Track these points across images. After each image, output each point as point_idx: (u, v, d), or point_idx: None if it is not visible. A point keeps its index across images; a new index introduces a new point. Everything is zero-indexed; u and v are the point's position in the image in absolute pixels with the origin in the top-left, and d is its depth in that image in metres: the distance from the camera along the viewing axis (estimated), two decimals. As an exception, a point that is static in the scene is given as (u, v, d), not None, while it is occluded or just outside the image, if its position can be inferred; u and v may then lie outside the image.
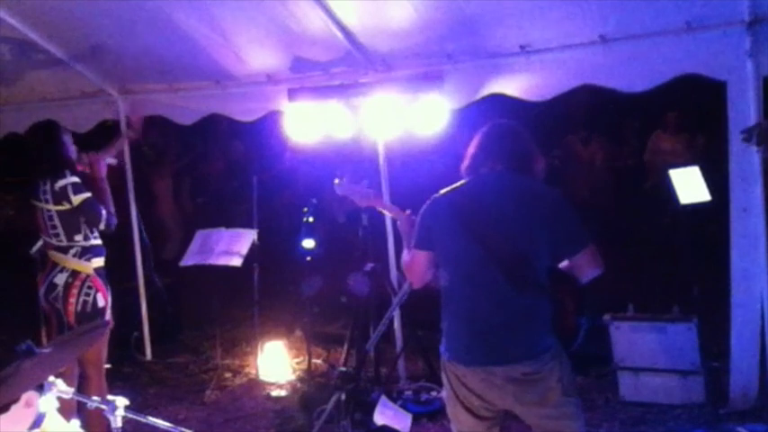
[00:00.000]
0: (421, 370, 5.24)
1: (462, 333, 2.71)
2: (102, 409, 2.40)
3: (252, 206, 5.66)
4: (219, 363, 5.76)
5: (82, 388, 3.88)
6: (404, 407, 4.57)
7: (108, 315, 3.98)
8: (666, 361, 4.48)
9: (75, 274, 3.91)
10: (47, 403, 2.41)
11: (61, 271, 3.91)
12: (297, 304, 6.12)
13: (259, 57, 4.94)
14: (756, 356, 4.13)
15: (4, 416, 2.37)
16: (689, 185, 4.76)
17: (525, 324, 2.63)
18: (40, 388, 2.39)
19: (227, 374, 5.69)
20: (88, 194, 3.90)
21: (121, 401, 2.41)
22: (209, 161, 9.23)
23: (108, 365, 4.25)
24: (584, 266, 2.66)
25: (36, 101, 5.95)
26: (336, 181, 3.32)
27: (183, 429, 2.48)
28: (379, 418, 4.27)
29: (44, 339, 4.03)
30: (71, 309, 3.86)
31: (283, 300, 6.55)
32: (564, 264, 2.71)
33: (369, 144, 5.27)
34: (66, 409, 2.68)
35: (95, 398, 2.48)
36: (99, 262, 4.02)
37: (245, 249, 5.36)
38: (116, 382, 4.08)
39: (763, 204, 3.98)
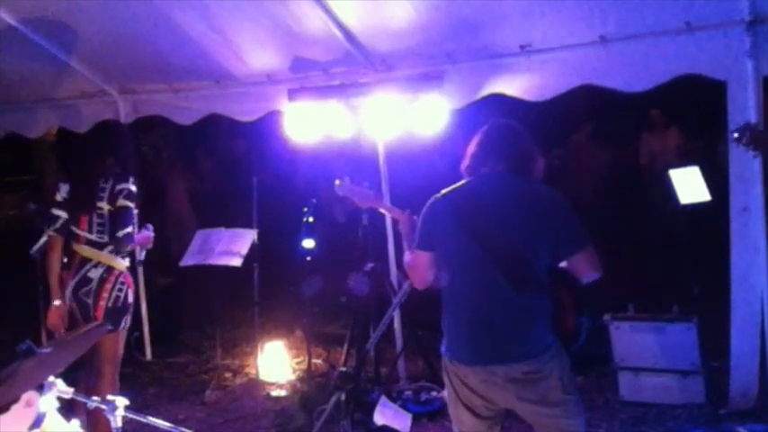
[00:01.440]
0: (421, 370, 5.23)
1: (463, 333, 2.71)
2: (102, 409, 2.40)
3: (252, 206, 5.66)
4: (219, 363, 5.75)
5: (95, 385, 3.88)
6: (404, 407, 4.57)
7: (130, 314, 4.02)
8: (666, 361, 4.47)
9: (110, 269, 3.91)
10: (47, 403, 2.41)
11: (96, 266, 3.90)
12: (297, 304, 6.11)
13: (259, 57, 4.94)
14: (756, 356, 4.13)
15: (4, 416, 2.38)
16: (689, 185, 4.76)
17: (525, 323, 2.63)
18: (40, 388, 2.39)
19: (227, 374, 5.69)
20: (131, 205, 3.90)
21: (121, 401, 2.41)
22: (208, 161, 9.23)
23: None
24: (583, 267, 2.66)
25: (36, 101, 5.95)
26: (337, 182, 3.31)
27: (183, 429, 2.48)
28: (379, 418, 4.27)
29: (44, 339, 4.02)
30: (102, 303, 3.86)
31: (283, 300, 6.54)
32: (563, 264, 2.71)
33: (369, 144, 5.27)
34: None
35: (95, 398, 2.48)
36: (127, 262, 4.05)
37: (245, 249, 5.36)
38: (116, 382, 4.09)
39: (763, 204, 3.98)
